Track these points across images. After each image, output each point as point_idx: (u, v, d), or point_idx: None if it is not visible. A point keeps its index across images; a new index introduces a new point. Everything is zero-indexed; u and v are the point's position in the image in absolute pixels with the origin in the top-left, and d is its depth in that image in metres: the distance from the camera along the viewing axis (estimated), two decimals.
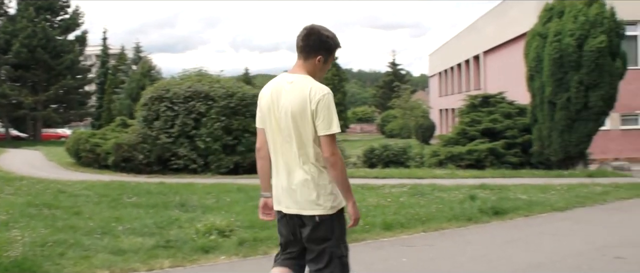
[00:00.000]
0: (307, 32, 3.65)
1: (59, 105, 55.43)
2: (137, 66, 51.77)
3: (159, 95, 18.51)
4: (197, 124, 18.03)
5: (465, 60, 41.71)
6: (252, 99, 18.38)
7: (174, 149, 17.89)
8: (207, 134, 17.71)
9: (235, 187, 12.85)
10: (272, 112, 3.62)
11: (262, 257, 6.84)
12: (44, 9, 52.24)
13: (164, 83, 20.15)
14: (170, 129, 18.01)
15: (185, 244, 7.07)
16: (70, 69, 53.69)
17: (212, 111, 17.85)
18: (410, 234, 7.99)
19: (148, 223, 8.22)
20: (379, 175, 15.72)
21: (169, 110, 18.14)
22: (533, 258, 6.62)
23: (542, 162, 18.35)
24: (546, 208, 9.90)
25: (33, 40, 49.73)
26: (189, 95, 18.23)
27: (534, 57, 17.69)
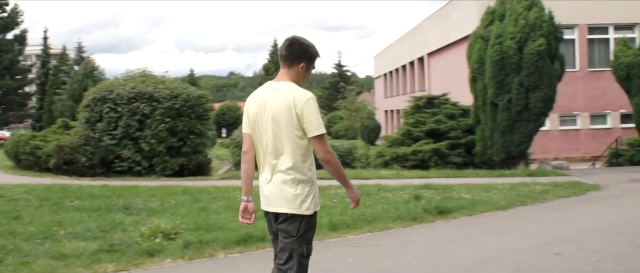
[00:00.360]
0: (289, 42, 3.96)
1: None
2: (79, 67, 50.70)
3: (102, 97, 18.18)
4: (141, 125, 17.77)
5: (410, 62, 42.20)
6: (197, 100, 18.23)
7: (117, 151, 17.59)
8: (152, 136, 17.48)
9: (181, 189, 12.73)
10: (260, 118, 3.85)
11: (208, 259, 6.80)
12: None
13: (107, 84, 19.78)
14: (113, 130, 17.71)
15: (130, 248, 6.98)
16: (9, 69, 52.25)
17: (156, 112, 17.62)
18: (356, 234, 8.06)
19: (91, 227, 8.07)
20: (324, 176, 15.65)
21: (113, 111, 17.83)
22: (476, 256, 6.76)
23: (485, 162, 18.71)
24: (489, 207, 10.12)
25: None
26: (132, 97, 17.95)
27: (477, 59, 18.03)
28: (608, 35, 26.49)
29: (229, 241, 7.36)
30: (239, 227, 8.10)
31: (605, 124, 26.56)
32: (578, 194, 11.93)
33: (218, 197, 11.31)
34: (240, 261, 6.77)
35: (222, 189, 12.66)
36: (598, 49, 26.73)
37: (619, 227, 8.33)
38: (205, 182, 14.85)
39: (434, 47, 35.40)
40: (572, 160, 23.79)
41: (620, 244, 7.16)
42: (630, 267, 6.11)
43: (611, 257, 6.56)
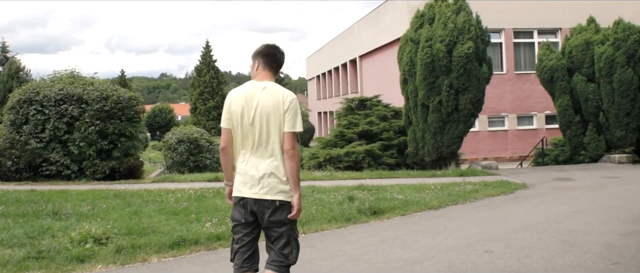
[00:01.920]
0: (282, 52, 4.47)
1: None
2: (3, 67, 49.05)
3: (28, 98, 17.64)
4: (70, 128, 17.33)
5: (343, 64, 42.53)
6: (127, 101, 17.91)
7: (45, 155, 17.10)
8: (81, 139, 17.06)
9: (112, 192, 12.47)
10: (245, 112, 4.17)
11: (141, 263, 6.70)
12: None
13: (33, 85, 19.19)
14: (41, 133, 17.21)
15: (59, 254, 6.81)
16: None
17: (85, 115, 17.21)
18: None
19: (17, 234, 7.82)
20: None
21: (39, 113, 17.33)
22: (410, 255, 6.87)
23: (417, 163, 19.04)
24: (421, 207, 10.30)
25: None
26: (60, 98, 17.48)
27: (408, 61, 18.32)
28: (533, 39, 27.40)
29: (162, 245, 7.28)
30: (172, 230, 8.03)
31: (531, 125, 27.44)
32: (507, 193, 12.26)
33: (150, 201, 11.14)
34: (174, 265, 6.70)
35: (154, 192, 12.46)
36: (524, 53, 27.61)
37: (546, 223, 8.61)
38: (137, 186, 14.59)
39: (366, 49, 35.78)
40: (501, 160, 24.51)
41: (546, 240, 7.40)
42: (556, 263, 6.32)
43: (538, 252, 6.78)
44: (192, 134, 21.29)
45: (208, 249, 7.33)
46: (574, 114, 19.37)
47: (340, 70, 43.41)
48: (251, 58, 4.47)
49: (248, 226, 4.26)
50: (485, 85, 17.91)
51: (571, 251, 6.84)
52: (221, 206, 10.25)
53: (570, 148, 19.88)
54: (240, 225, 4.27)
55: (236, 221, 4.28)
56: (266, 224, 4.19)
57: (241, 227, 4.27)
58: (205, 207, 10.19)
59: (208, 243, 7.49)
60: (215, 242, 7.54)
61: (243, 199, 4.21)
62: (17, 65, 44.23)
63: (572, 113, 19.37)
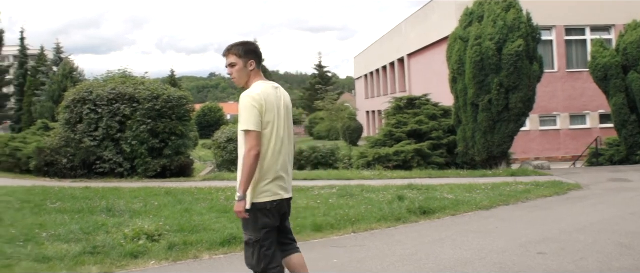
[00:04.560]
0: None
1: None
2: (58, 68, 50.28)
3: (82, 98, 18.01)
4: (122, 126, 17.64)
5: (390, 63, 42.35)
6: (178, 101, 18.13)
7: (99, 153, 17.45)
8: (133, 137, 17.35)
9: (163, 190, 12.66)
10: (277, 114, 4.22)
11: (193, 260, 6.79)
12: None
13: (87, 85, 19.58)
14: (94, 132, 17.56)
15: (113, 250, 6.95)
16: None
17: (137, 114, 17.50)
18: (341, 235, 8.08)
19: (74, 229, 8.01)
20: (307, 177, 15.76)
21: (93, 112, 17.67)
22: (460, 255, 6.80)
23: (467, 163, 18.82)
24: (472, 207, 10.18)
25: None
26: (113, 98, 17.80)
27: (457, 60, 18.13)
28: (585, 37, 26.80)
29: (213, 242, 7.35)
30: (223, 228, 8.11)
31: (584, 124, 26.84)
32: (560, 194, 12.04)
33: (201, 199, 11.27)
34: (224, 262, 6.76)
35: (205, 191, 12.60)
36: (576, 50, 27.03)
37: (601, 225, 8.42)
38: (188, 184, 14.79)
39: (414, 48, 35.56)
40: (553, 160, 24.06)
41: (602, 243, 7.24)
42: (613, 266, 6.18)
43: (594, 255, 6.63)
44: None
45: None
46: (630, 113, 18.87)
47: (388, 69, 43.23)
48: (237, 56, 4.37)
49: (277, 229, 4.34)
50: (536, 83, 17.60)
51: (629, 254, 6.67)
52: None
53: (625, 148, 19.39)
54: (273, 230, 4.28)
55: (270, 227, 4.23)
56: (285, 219, 4.45)
57: (273, 232, 4.29)
58: None
59: None
60: None
61: (281, 202, 4.24)
62: (71, 66, 45.28)
63: (628, 112, 18.88)
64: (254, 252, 4.24)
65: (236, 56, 4.35)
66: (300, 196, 11.46)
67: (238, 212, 4.17)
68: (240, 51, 4.36)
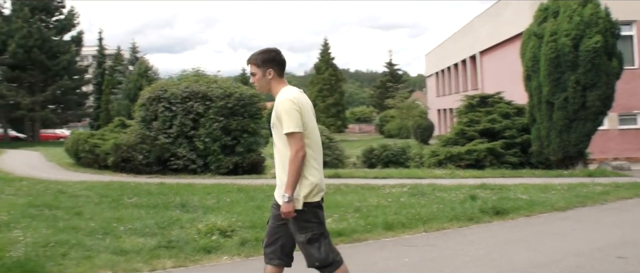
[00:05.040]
0: None
1: (57, 106, 55.31)
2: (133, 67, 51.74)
3: (156, 96, 18.48)
4: (195, 124, 18.01)
5: (462, 60, 41.78)
6: (249, 99, 18.36)
7: (173, 150, 17.87)
8: (206, 135, 17.69)
9: (236, 187, 12.85)
10: (312, 117, 4.36)
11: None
12: (39, 9, 52.09)
13: (161, 83, 20.10)
14: (168, 129, 17.99)
15: (187, 244, 7.08)
16: (66, 70, 53.57)
17: (210, 111, 17.83)
18: (412, 234, 8.01)
19: (149, 224, 8.22)
20: (378, 175, 15.72)
21: (167, 110, 18.11)
22: (535, 257, 6.64)
23: (542, 162, 18.37)
24: (547, 208, 9.91)
25: (29, 41, 49.61)
26: (186, 96, 18.20)
27: (531, 57, 17.70)
28: None
29: None
30: None
31: None
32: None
33: (272, 196, 11.33)
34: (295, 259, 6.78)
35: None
36: None
37: None
38: (259, 181, 14.96)
39: (486, 45, 34.96)
40: (634, 160, 23.17)
41: None
42: None
43: None
44: None
45: None
46: None
47: (460, 66, 42.66)
48: (255, 66, 4.42)
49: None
50: (616, 81, 17.00)
51: None
52: (342, 202, 10.31)
53: None
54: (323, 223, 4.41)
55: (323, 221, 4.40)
56: None
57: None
58: (326, 203, 10.11)
59: None
60: (336, 238, 7.56)
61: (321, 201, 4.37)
62: (146, 65, 46.55)
63: None
64: (321, 245, 4.33)
65: (255, 65, 4.42)
66: (371, 194, 11.44)
67: (288, 212, 4.22)
68: (258, 61, 4.40)
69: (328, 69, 63.60)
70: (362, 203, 10.13)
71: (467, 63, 40.25)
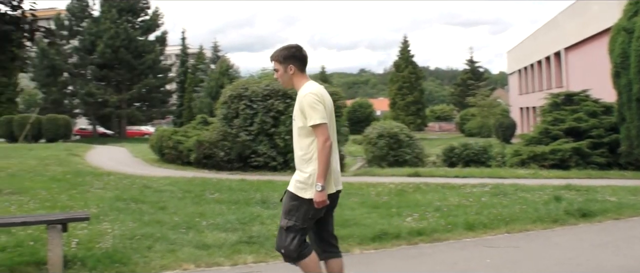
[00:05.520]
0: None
1: (142, 104, 57.15)
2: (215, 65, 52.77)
3: (238, 94, 18.76)
4: (275, 122, 18.19)
5: (546, 57, 40.70)
6: None
7: (253, 147, 18.12)
8: (286, 132, 17.83)
9: None
10: (331, 111, 4.51)
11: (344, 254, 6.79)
12: (126, 11, 53.92)
13: (242, 81, 20.41)
14: (249, 126, 18.24)
15: (268, 240, 7.16)
16: (151, 69, 55.24)
17: (290, 109, 17.95)
18: (494, 235, 7.84)
19: (231, 219, 8.35)
20: (459, 175, 15.49)
21: (248, 108, 18.36)
22: (624, 263, 6.38)
23: (631, 163, 17.63)
24: (638, 211, 9.50)
25: (116, 41, 51.46)
26: (267, 94, 18.40)
27: (620, 53, 17.01)
28: None
29: (364, 237, 7.39)
30: (374, 223, 8.13)
31: None
32: None
33: (352, 193, 11.36)
34: (375, 257, 6.77)
35: (355, 185, 12.71)
36: None
37: None
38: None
39: (572, 42, 33.94)
40: None
41: None
42: None
43: None
44: (392, 129, 21.41)
45: (409, 244, 7.32)
46: None
47: (544, 63, 41.55)
48: (277, 62, 4.59)
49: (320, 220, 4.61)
50: None
51: None
52: (422, 201, 10.21)
53: None
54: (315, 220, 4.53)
55: (317, 217, 4.49)
56: (332, 209, 4.64)
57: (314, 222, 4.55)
58: (405, 202, 10.20)
59: (409, 237, 7.48)
60: (416, 237, 7.51)
61: (331, 195, 4.45)
62: (227, 64, 47.35)
63: None
64: (295, 237, 4.43)
65: (277, 62, 4.60)
66: (451, 193, 11.28)
67: (321, 201, 4.32)
68: (280, 57, 4.58)
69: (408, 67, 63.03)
70: (442, 203, 10.00)
71: (552, 60, 39.17)
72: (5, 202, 10.06)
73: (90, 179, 14.45)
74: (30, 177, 14.76)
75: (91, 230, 7.49)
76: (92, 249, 6.60)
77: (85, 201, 10.33)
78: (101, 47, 51.08)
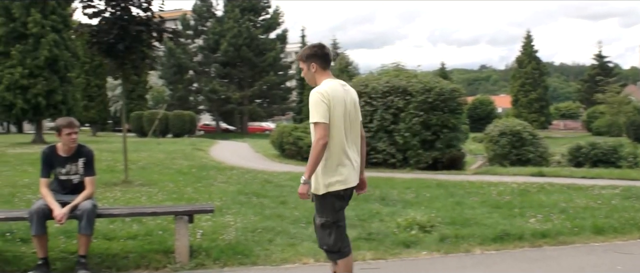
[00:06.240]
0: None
1: (263, 100, 58.61)
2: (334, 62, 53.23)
3: (357, 91, 18.75)
4: (395, 118, 18.11)
5: None
6: (450, 93, 18.09)
7: (373, 144, 18.11)
8: (406, 129, 17.73)
9: (435, 182, 12.73)
10: (345, 107, 4.55)
11: (464, 254, 6.71)
12: (248, 10, 55.45)
13: (362, 78, 20.46)
14: (369, 123, 18.25)
15: (387, 238, 7.14)
16: (272, 66, 56.52)
17: (410, 106, 17.84)
18: (625, 240, 7.41)
19: (350, 215, 8.29)
20: (586, 175, 14.80)
21: (368, 105, 18.37)
22: None
23: None
24: None
25: (239, 40, 53.05)
26: (387, 91, 18.34)
27: None
28: None
29: (485, 237, 7.21)
30: (495, 223, 7.92)
31: None
32: None
33: (472, 192, 11.12)
34: (497, 259, 6.59)
35: (476, 184, 12.42)
36: None
37: None
38: (459, 177, 14.72)
39: None
40: None
41: None
42: None
43: None
44: (515, 127, 20.77)
45: (532, 246, 7.06)
46: None
47: None
48: (301, 61, 4.78)
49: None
50: None
51: None
52: (546, 202, 9.83)
53: None
54: (343, 211, 4.72)
55: (343, 208, 4.70)
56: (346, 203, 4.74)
57: (343, 211, 4.74)
58: (529, 202, 9.85)
59: (532, 239, 7.21)
60: (540, 239, 7.23)
61: (350, 189, 4.64)
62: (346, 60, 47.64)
63: None
64: (332, 232, 4.62)
65: (302, 61, 4.80)
66: (578, 195, 10.79)
67: (302, 193, 4.45)
68: (303, 57, 4.77)
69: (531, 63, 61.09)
70: (568, 204, 9.58)
71: None
72: (137, 193, 10.60)
73: (213, 173, 14.96)
74: (159, 170, 15.47)
75: (215, 222, 7.74)
76: (215, 240, 6.82)
77: (210, 194, 10.70)
78: (224, 46, 52.85)
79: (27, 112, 31.39)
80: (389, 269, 6.20)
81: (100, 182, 10.11)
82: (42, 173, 6.11)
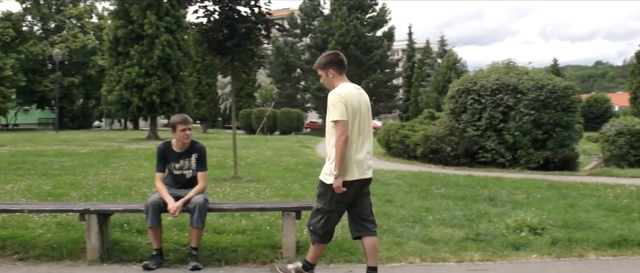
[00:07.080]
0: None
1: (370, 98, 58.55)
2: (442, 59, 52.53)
3: (466, 88, 18.51)
4: (505, 117, 17.67)
5: None
6: (563, 91, 17.44)
7: (481, 142, 17.77)
8: (516, 128, 17.26)
9: (546, 183, 12.30)
10: (361, 109, 5.15)
11: (577, 259, 6.47)
12: (355, 8, 55.68)
13: (471, 76, 20.11)
14: (477, 121, 17.93)
15: (495, 239, 6.99)
16: (379, 64, 56.54)
17: (520, 104, 17.34)
18: None
19: (457, 215, 8.25)
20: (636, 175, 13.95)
21: (476, 102, 18.04)
22: None
23: None
24: None
25: (346, 38, 53.38)
26: (496, 88, 17.92)
27: None
28: None
29: (600, 242, 6.90)
30: (612, 228, 7.57)
31: None
32: None
33: (587, 194, 10.66)
34: (613, 265, 6.30)
35: (591, 186, 11.90)
36: None
37: None
38: (572, 178, 14.17)
39: None
40: None
41: None
42: None
43: None
44: (634, 126, 19.75)
45: None
46: None
47: None
48: (320, 69, 5.33)
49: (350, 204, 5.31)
50: None
51: None
52: None
53: None
54: (344, 205, 5.25)
55: (343, 202, 5.21)
56: (363, 196, 5.36)
57: (345, 206, 5.28)
58: None
59: None
60: None
61: (356, 181, 5.12)
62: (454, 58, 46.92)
63: None
64: (322, 218, 5.24)
65: (320, 68, 5.35)
66: None
67: (337, 187, 5.01)
68: (321, 64, 5.33)
69: None
70: None
71: None
72: (245, 189, 10.86)
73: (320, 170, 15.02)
74: (267, 167, 15.78)
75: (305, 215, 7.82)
76: None
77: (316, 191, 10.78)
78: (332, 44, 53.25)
79: (142, 110, 33.02)
80: (497, 271, 6.07)
81: (210, 177, 10.42)
82: (157, 168, 6.39)
